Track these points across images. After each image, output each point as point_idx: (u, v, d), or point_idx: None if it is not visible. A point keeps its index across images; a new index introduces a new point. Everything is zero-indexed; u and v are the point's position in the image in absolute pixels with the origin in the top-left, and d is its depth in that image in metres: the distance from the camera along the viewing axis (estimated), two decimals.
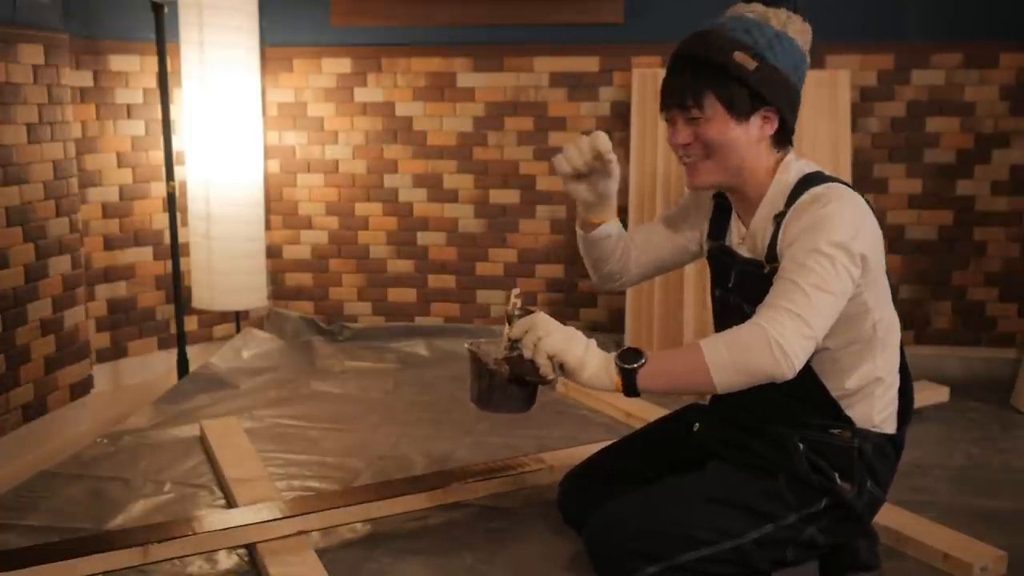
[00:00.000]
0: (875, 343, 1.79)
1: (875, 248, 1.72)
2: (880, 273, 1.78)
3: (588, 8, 3.72)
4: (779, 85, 1.75)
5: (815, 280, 1.63)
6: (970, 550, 2.13)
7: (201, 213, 3.54)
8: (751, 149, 1.78)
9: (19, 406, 2.94)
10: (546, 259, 3.91)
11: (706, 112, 1.75)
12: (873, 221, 1.74)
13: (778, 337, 1.60)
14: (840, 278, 1.65)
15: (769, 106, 1.76)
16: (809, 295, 1.62)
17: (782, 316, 1.62)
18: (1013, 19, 3.52)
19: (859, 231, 1.68)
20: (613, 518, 1.87)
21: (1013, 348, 3.65)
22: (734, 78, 1.73)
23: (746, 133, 1.77)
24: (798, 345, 1.61)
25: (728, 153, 1.77)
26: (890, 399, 1.86)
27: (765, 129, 1.78)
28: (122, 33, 3.52)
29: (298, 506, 2.25)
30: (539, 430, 2.99)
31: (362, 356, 3.79)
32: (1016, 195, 3.61)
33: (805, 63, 1.80)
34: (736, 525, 1.79)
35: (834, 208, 1.68)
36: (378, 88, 3.89)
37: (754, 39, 1.74)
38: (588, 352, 1.67)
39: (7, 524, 2.34)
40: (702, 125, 1.76)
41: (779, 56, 1.75)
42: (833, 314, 1.66)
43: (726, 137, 1.76)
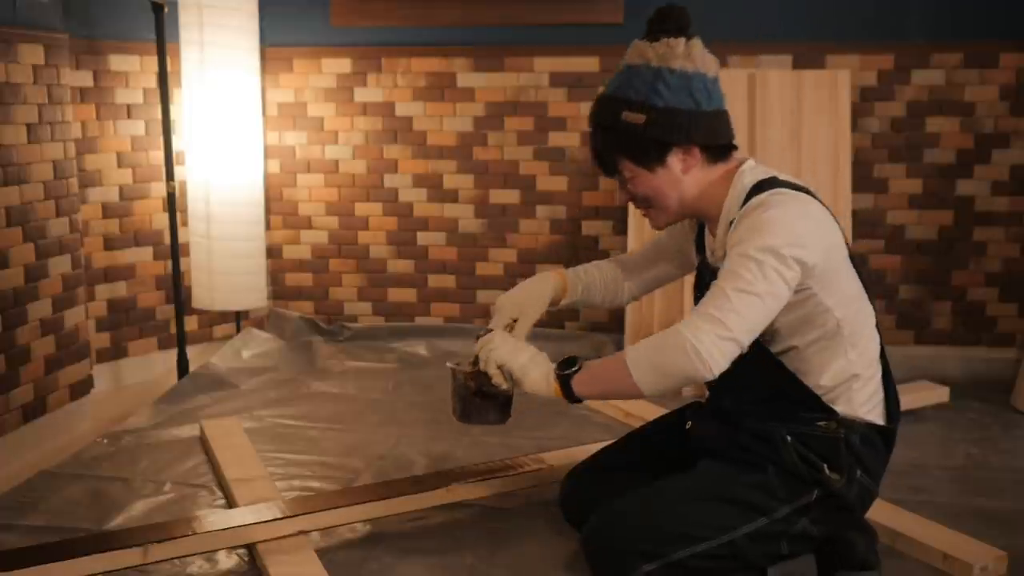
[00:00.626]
0: (842, 340, 1.81)
1: (827, 250, 1.75)
2: (839, 273, 1.80)
3: (588, 8, 3.72)
4: (676, 122, 1.79)
5: (739, 284, 1.68)
6: (970, 550, 2.13)
7: (201, 213, 3.54)
8: (683, 184, 1.85)
9: (19, 406, 2.94)
10: (546, 259, 3.91)
11: (625, 173, 1.87)
12: (824, 224, 1.78)
13: (693, 340, 1.66)
14: (768, 280, 1.68)
15: (676, 144, 1.81)
16: (730, 298, 1.67)
17: (701, 320, 1.68)
18: (1013, 19, 3.52)
19: (798, 235, 1.70)
20: (607, 519, 1.89)
21: (1013, 348, 3.65)
22: (631, 137, 1.81)
23: (668, 174, 1.84)
24: (713, 347, 1.66)
25: (663, 198, 1.87)
26: (871, 392, 1.88)
27: (688, 161, 1.84)
28: (122, 33, 3.52)
29: (298, 506, 2.25)
30: (538, 430, 2.99)
31: (362, 356, 3.79)
32: (1016, 195, 3.61)
33: (701, 78, 1.80)
34: (729, 520, 1.82)
35: (773, 213, 1.72)
36: (378, 88, 3.89)
37: (636, 90, 1.81)
38: (531, 361, 1.86)
39: (7, 524, 2.34)
40: (629, 184, 1.88)
41: (665, 95, 1.79)
42: (759, 315, 1.69)
43: (651, 188, 1.86)
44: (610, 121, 1.84)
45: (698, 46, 1.81)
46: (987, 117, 3.58)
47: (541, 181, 3.87)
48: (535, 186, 3.88)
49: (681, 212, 1.91)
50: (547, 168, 3.85)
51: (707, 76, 1.80)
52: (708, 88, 1.80)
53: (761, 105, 3.30)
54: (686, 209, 1.90)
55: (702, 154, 1.83)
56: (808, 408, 1.84)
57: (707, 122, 1.81)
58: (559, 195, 3.86)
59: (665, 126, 1.79)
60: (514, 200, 3.90)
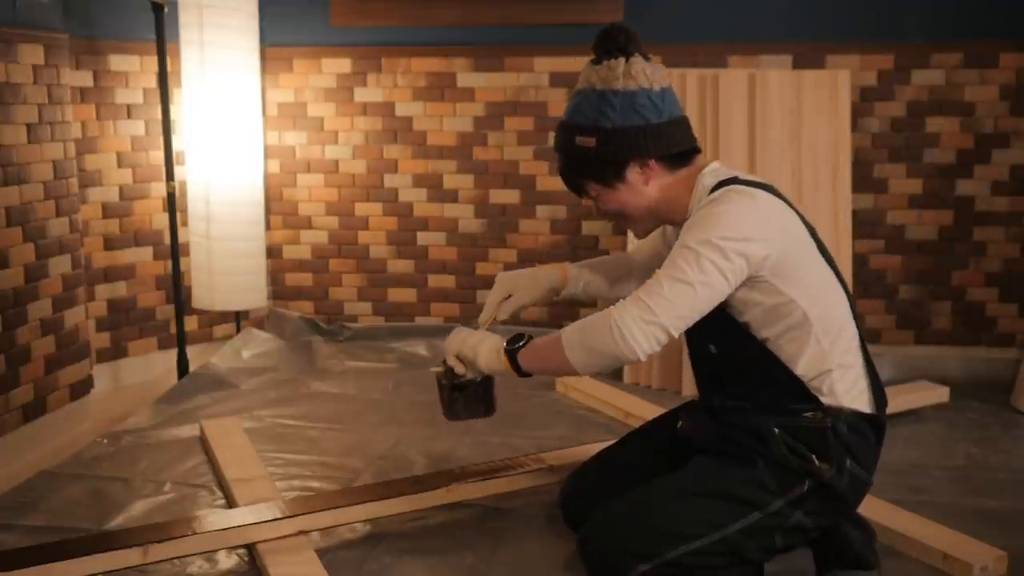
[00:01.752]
0: (811, 331, 1.84)
1: (781, 242, 1.79)
2: (799, 265, 1.83)
3: (588, 8, 3.72)
4: (628, 140, 1.86)
5: (673, 272, 1.75)
6: (970, 550, 2.13)
7: (201, 213, 3.54)
8: (646, 194, 1.91)
9: (19, 406, 2.94)
10: (546, 259, 3.91)
11: (592, 193, 1.95)
12: (777, 217, 1.82)
13: (618, 321, 1.74)
14: (703, 271, 1.74)
15: (632, 159, 1.87)
16: (662, 284, 1.75)
17: (630, 303, 1.76)
18: (1013, 19, 3.52)
19: (742, 229, 1.76)
20: (602, 521, 1.91)
21: (1013, 348, 3.65)
22: (588, 159, 1.89)
23: (630, 189, 1.91)
24: (637, 329, 1.74)
25: (630, 210, 1.94)
26: (852, 380, 1.89)
27: (648, 173, 1.90)
28: (122, 33, 3.52)
29: (298, 506, 2.25)
30: (538, 430, 2.99)
31: (362, 356, 3.79)
32: (1016, 195, 3.61)
33: (645, 94, 1.85)
34: (721, 516, 1.83)
35: (719, 208, 1.78)
36: (378, 88, 3.89)
37: (585, 115, 1.88)
38: (483, 342, 1.96)
39: (7, 524, 2.34)
40: (598, 202, 1.96)
41: (612, 116, 1.86)
42: (689, 303, 1.75)
43: (618, 203, 1.93)
44: (567, 147, 1.93)
45: (638, 63, 1.86)
46: (987, 117, 3.58)
47: (541, 181, 3.87)
48: (535, 186, 3.88)
49: (653, 219, 1.98)
50: (547, 168, 3.85)
51: (651, 91, 1.85)
52: (654, 101, 1.85)
53: (761, 105, 3.30)
54: (656, 216, 1.96)
55: (660, 164, 1.89)
56: (794, 398, 1.86)
57: (659, 134, 1.86)
58: (559, 195, 3.86)
59: (617, 145, 1.86)
60: (514, 200, 3.90)
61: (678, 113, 1.90)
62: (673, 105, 1.89)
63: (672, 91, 1.91)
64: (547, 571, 2.13)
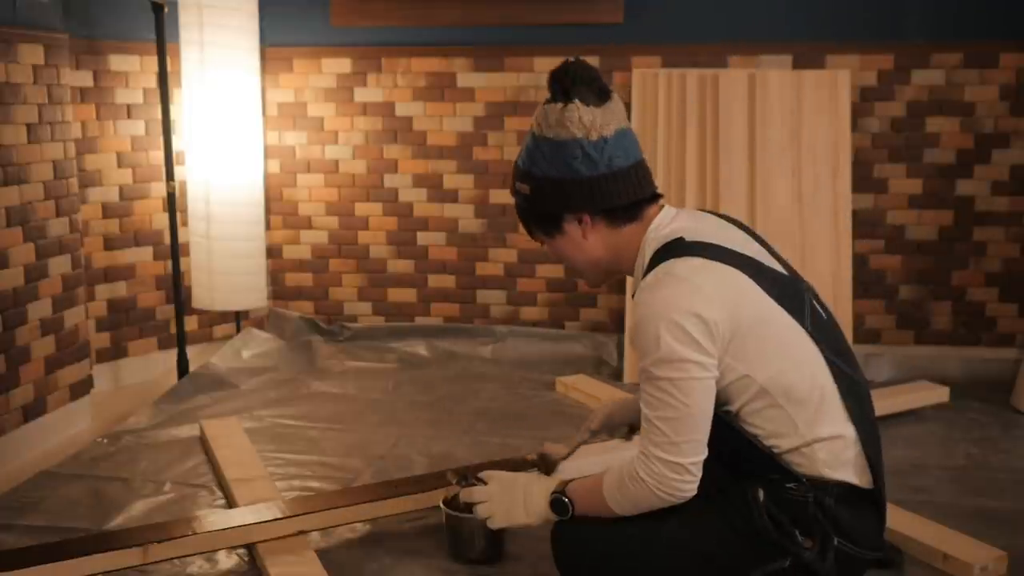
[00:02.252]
0: (776, 404, 1.68)
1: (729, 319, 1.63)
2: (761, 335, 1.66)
3: (588, 8, 3.72)
4: (556, 192, 1.75)
5: (663, 412, 1.63)
6: (970, 550, 2.13)
7: (201, 213, 3.54)
8: (586, 248, 1.80)
9: (19, 406, 2.94)
10: (546, 259, 3.91)
11: (539, 239, 1.87)
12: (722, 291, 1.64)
13: (655, 483, 1.65)
14: (683, 391, 1.62)
15: (564, 215, 1.77)
16: (664, 431, 1.64)
17: (653, 464, 1.66)
18: (1013, 19, 3.52)
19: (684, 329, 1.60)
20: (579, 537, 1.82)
21: (1013, 348, 3.65)
22: (525, 206, 1.83)
23: (570, 240, 1.80)
24: (675, 480, 1.65)
25: (572, 261, 1.85)
26: (837, 452, 1.70)
27: (585, 227, 1.77)
28: (122, 33, 3.52)
29: (298, 506, 2.25)
30: (538, 430, 2.99)
31: (362, 356, 3.79)
32: (1016, 195, 3.61)
33: (576, 145, 1.70)
34: (695, 573, 1.74)
35: (646, 311, 1.65)
36: (378, 88, 3.89)
37: (523, 159, 1.81)
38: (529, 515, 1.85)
39: (7, 524, 2.34)
40: (545, 247, 1.88)
41: (542, 165, 1.75)
42: (697, 427, 1.64)
43: (558, 251, 1.85)
44: (512, 190, 1.86)
45: (575, 111, 1.69)
46: (987, 117, 3.58)
47: None
48: None
49: (599, 272, 1.86)
50: None
51: (585, 141, 1.70)
52: (588, 153, 1.70)
53: (761, 105, 3.30)
54: (605, 270, 1.85)
55: (602, 218, 1.76)
56: (772, 470, 1.72)
57: (596, 188, 1.72)
58: None
59: (547, 196, 1.76)
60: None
61: (622, 163, 1.71)
62: (616, 155, 1.71)
63: (622, 136, 1.72)
64: (547, 571, 2.13)
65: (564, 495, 1.80)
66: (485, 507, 1.88)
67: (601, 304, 3.91)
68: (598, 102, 1.72)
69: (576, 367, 3.61)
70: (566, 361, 3.69)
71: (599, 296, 3.90)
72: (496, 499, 1.88)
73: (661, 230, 1.75)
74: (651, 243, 1.75)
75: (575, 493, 1.80)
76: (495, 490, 1.89)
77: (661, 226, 1.76)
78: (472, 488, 1.93)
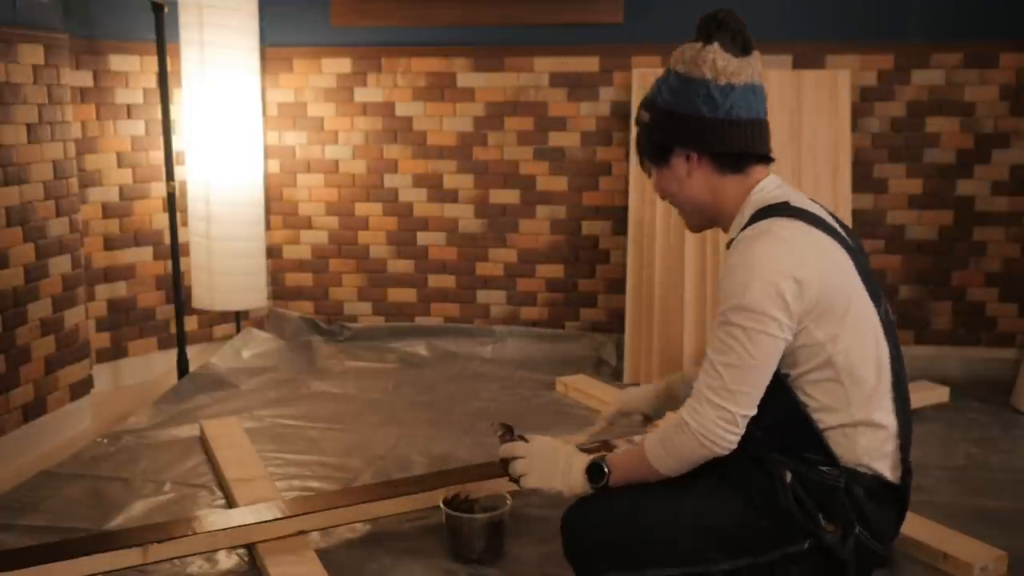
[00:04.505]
0: (838, 379, 1.70)
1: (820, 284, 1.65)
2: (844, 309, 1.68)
3: (588, 8, 3.72)
4: (673, 125, 1.79)
5: (728, 358, 1.66)
6: (970, 550, 2.13)
7: (201, 213, 3.54)
8: (689, 187, 1.82)
9: (19, 406, 2.94)
10: (546, 259, 3.91)
11: (648, 170, 1.89)
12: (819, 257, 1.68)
13: (700, 429, 1.67)
14: (754, 343, 1.64)
15: (678, 148, 1.80)
16: (723, 376, 1.66)
17: (702, 405, 1.67)
18: (1013, 19, 3.52)
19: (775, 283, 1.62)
20: (592, 511, 1.81)
21: (1013, 348, 3.65)
22: (641, 134, 1.86)
23: (674, 175, 1.83)
24: (721, 430, 1.66)
25: (673, 197, 1.87)
26: (879, 441, 1.73)
27: (692, 166, 1.80)
28: (122, 33, 3.52)
29: (298, 506, 2.26)
30: (537, 430, 2.97)
31: (362, 356, 3.79)
32: (1016, 195, 3.61)
33: (704, 85, 1.75)
34: (711, 551, 1.73)
35: (752, 256, 1.66)
36: (378, 88, 3.89)
37: (650, 92, 1.85)
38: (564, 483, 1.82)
39: (7, 524, 2.34)
40: (652, 178, 1.90)
41: (667, 98, 1.80)
42: (756, 382, 1.66)
43: (662, 185, 1.87)
44: (636, 117, 1.89)
45: (711, 52, 1.76)
46: (987, 117, 3.58)
47: (541, 181, 3.87)
48: (535, 186, 3.88)
49: (698, 215, 1.87)
50: (547, 168, 3.85)
51: (713, 83, 1.75)
52: (715, 96, 1.75)
53: None
54: (704, 214, 1.86)
55: (707, 161, 1.79)
56: (809, 447, 1.73)
57: (711, 130, 1.76)
58: (559, 195, 3.86)
59: (664, 128, 1.80)
60: (514, 200, 3.90)
61: (742, 114, 1.75)
62: (739, 105, 1.75)
63: (750, 91, 1.77)
64: (547, 571, 2.13)
65: (603, 461, 1.80)
66: (522, 463, 1.86)
67: (601, 304, 3.91)
68: (738, 53, 1.80)
69: (576, 367, 3.61)
70: (566, 361, 3.69)
71: (599, 296, 3.90)
72: (536, 459, 1.86)
73: (767, 192, 1.79)
74: (753, 203, 1.78)
75: (614, 460, 1.80)
76: (537, 449, 1.87)
77: (767, 189, 1.80)
78: (514, 443, 1.90)
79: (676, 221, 3.44)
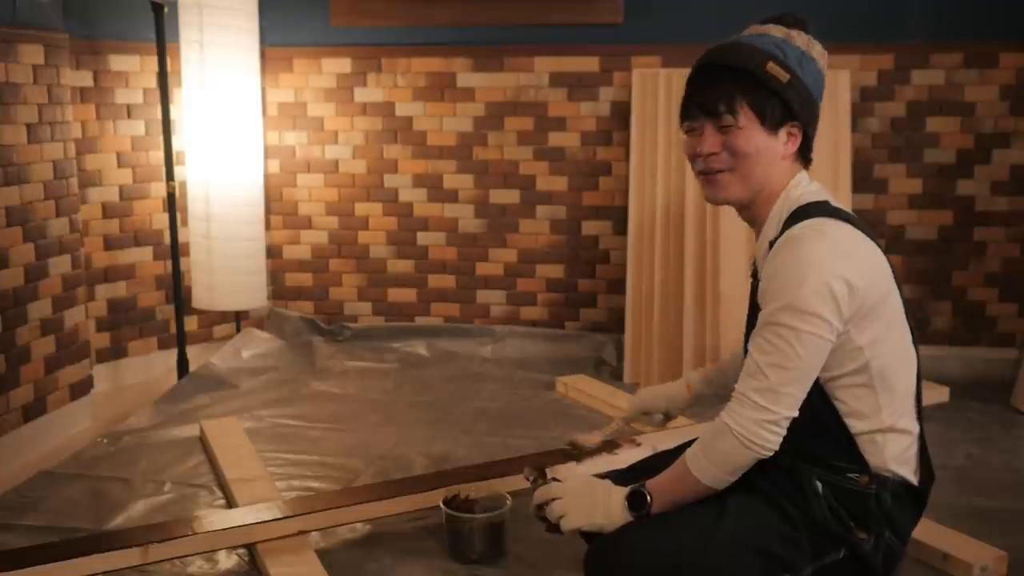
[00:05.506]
0: (872, 384, 1.70)
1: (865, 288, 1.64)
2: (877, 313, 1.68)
3: (588, 8, 3.72)
4: (806, 101, 1.75)
5: (774, 359, 1.62)
6: (970, 550, 2.13)
7: (201, 213, 3.54)
8: (775, 164, 1.75)
9: (19, 406, 2.94)
10: (546, 259, 3.91)
11: (739, 121, 1.73)
12: (863, 257, 1.67)
13: (743, 432, 1.63)
14: (803, 344, 1.61)
15: (796, 120, 1.75)
16: (769, 377, 1.63)
17: (744, 408, 1.64)
18: (1013, 19, 3.52)
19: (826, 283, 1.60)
20: (621, 542, 1.72)
21: (1013, 348, 3.65)
22: (768, 89, 1.71)
23: (773, 146, 1.74)
24: (765, 432, 1.63)
25: (754, 165, 1.75)
26: (904, 446, 1.74)
27: (790, 145, 1.76)
28: (122, 33, 3.52)
29: (298, 506, 2.25)
30: (538, 430, 2.99)
31: (362, 356, 3.79)
32: (1016, 195, 3.61)
33: (823, 86, 1.80)
34: (749, 571, 1.68)
35: (798, 255, 1.63)
36: (378, 88, 3.89)
37: (784, 54, 1.74)
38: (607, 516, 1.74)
39: (7, 524, 2.34)
40: (732, 134, 1.73)
41: (806, 74, 1.75)
42: (800, 384, 1.63)
43: (755, 147, 1.73)
44: (753, 65, 1.72)
45: (825, 58, 1.81)
46: (987, 117, 3.58)
47: (541, 181, 3.87)
48: (535, 186, 3.88)
49: (747, 193, 1.78)
50: (547, 168, 3.85)
51: (820, 72, 1.79)
52: (821, 83, 1.79)
53: None
54: (752, 193, 1.77)
55: (802, 144, 1.77)
56: (841, 454, 1.72)
57: (817, 115, 1.79)
58: (559, 195, 3.86)
59: (799, 97, 1.74)
60: (514, 200, 3.90)
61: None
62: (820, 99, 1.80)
63: None
64: (547, 571, 2.13)
65: (643, 488, 1.73)
66: (560, 504, 1.76)
67: (601, 304, 3.91)
68: None
69: (576, 367, 3.61)
70: (566, 361, 3.69)
71: (599, 296, 3.90)
72: (573, 498, 1.77)
73: (804, 188, 1.76)
74: (793, 199, 1.75)
75: (654, 484, 1.73)
76: (572, 488, 1.79)
77: (802, 185, 1.77)
78: (548, 487, 1.81)
79: (676, 221, 3.44)
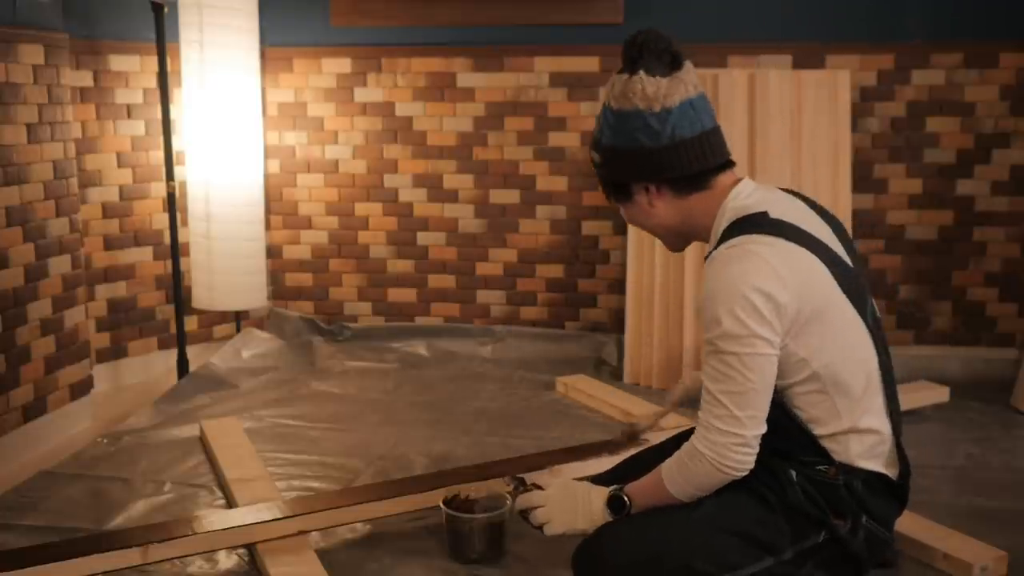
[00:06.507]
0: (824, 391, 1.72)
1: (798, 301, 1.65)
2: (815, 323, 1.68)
3: (588, 8, 3.72)
4: (623, 162, 1.77)
5: (726, 386, 1.65)
6: (970, 550, 2.13)
7: (201, 213, 3.54)
8: (656, 215, 1.82)
9: (19, 406, 2.94)
10: (546, 259, 3.91)
11: (614, 205, 1.89)
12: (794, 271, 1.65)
13: (716, 457, 1.67)
14: (748, 367, 1.64)
15: (630, 183, 1.80)
16: (726, 405, 1.66)
17: (713, 435, 1.67)
18: (1013, 19, 3.52)
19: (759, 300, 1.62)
20: (605, 537, 1.79)
21: (1013, 348, 3.65)
22: (598, 175, 1.85)
23: (639, 208, 1.83)
24: (735, 454, 1.67)
25: (645, 227, 1.87)
26: (870, 446, 1.77)
27: (652, 196, 1.80)
28: (122, 33, 3.52)
29: (298, 506, 2.25)
30: (537, 430, 2.99)
31: (362, 356, 3.79)
32: (1016, 195, 3.61)
33: (640, 116, 1.72)
34: (735, 557, 1.73)
35: (718, 284, 1.66)
36: (378, 88, 3.89)
37: (594, 131, 1.83)
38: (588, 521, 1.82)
39: (7, 524, 2.34)
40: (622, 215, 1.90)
41: (608, 135, 1.78)
42: (759, 402, 1.66)
43: (631, 217, 1.87)
44: (590, 157, 1.88)
45: (638, 82, 1.71)
46: (987, 117, 3.58)
47: (541, 181, 3.87)
48: (535, 186, 3.88)
49: (674, 238, 1.88)
50: (547, 168, 3.85)
51: (649, 113, 1.71)
52: (653, 125, 1.71)
53: (761, 105, 3.29)
54: (678, 235, 1.86)
55: (669, 188, 1.77)
56: (806, 451, 1.75)
57: (659, 159, 1.73)
58: (559, 195, 3.86)
59: (614, 166, 1.79)
60: (514, 200, 3.90)
61: (689, 134, 1.72)
62: (683, 125, 1.71)
63: (689, 107, 1.72)
64: (548, 571, 2.13)
65: (622, 492, 1.80)
66: (543, 512, 1.86)
67: (601, 304, 3.91)
68: (667, 71, 1.73)
69: (576, 367, 3.61)
70: (566, 361, 3.69)
71: (599, 296, 3.90)
72: (555, 504, 1.86)
73: (741, 200, 1.76)
74: (729, 213, 1.75)
75: (632, 490, 1.81)
76: (553, 495, 1.87)
77: (741, 196, 1.76)
78: (530, 494, 1.91)
79: None
